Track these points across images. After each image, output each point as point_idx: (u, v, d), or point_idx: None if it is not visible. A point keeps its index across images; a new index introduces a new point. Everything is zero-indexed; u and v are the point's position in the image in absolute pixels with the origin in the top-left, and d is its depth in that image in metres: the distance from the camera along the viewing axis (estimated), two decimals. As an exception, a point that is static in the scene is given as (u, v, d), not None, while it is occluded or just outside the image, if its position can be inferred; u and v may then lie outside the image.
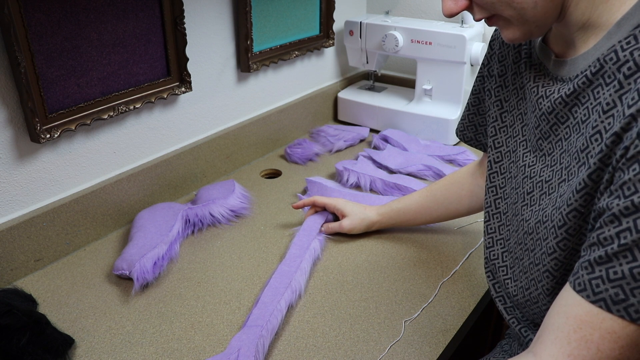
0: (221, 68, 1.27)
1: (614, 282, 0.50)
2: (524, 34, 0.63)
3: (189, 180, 1.24)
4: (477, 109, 0.85)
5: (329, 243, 1.05)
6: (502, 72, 0.76)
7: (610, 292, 0.50)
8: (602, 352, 0.51)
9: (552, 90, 0.65)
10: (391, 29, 1.43)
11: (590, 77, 0.59)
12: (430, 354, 0.79)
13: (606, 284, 0.50)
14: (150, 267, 0.92)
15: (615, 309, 0.50)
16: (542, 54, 0.69)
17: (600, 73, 0.57)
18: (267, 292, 0.87)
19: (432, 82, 1.44)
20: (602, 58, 0.57)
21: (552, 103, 0.64)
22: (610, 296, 0.50)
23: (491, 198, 0.79)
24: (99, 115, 1.01)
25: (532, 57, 0.71)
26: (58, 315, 0.87)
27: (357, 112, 1.57)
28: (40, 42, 0.90)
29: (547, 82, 0.67)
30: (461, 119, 0.90)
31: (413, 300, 0.89)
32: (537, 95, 0.68)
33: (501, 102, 0.77)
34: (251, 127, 1.36)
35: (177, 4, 1.08)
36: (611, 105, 0.55)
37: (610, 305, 0.50)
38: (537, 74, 0.69)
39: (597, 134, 0.56)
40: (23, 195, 0.96)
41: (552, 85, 0.66)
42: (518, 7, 0.59)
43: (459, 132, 0.91)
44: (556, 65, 0.66)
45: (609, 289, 0.50)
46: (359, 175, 1.25)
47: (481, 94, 0.84)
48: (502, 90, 0.77)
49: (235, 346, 0.77)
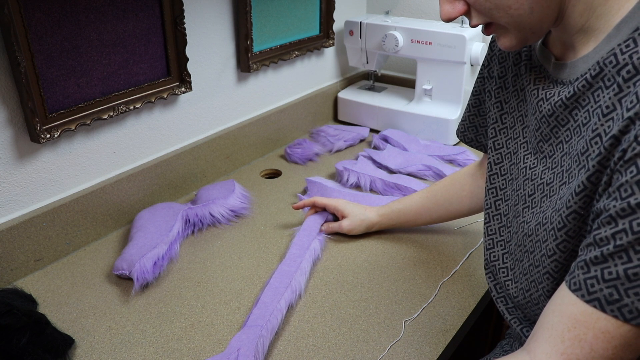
0: (221, 68, 1.27)
1: (609, 282, 0.50)
2: (520, 40, 0.63)
3: (189, 180, 1.24)
4: (478, 110, 0.85)
5: (329, 243, 1.05)
6: (502, 73, 0.76)
7: (605, 292, 0.51)
8: (596, 352, 0.51)
9: (553, 93, 0.65)
10: (391, 29, 1.43)
11: (591, 80, 0.59)
12: (430, 354, 0.79)
13: (601, 284, 0.51)
14: (150, 267, 0.92)
15: (609, 308, 0.50)
16: (542, 56, 0.69)
17: (600, 76, 0.58)
18: (267, 292, 0.87)
19: (432, 82, 1.44)
20: (601, 61, 0.57)
21: (553, 106, 0.64)
22: (605, 296, 0.51)
23: (491, 200, 0.78)
24: (99, 115, 1.01)
25: (532, 60, 0.71)
26: (58, 315, 0.87)
27: (357, 112, 1.57)
28: (40, 42, 0.90)
29: (548, 85, 0.67)
30: (462, 120, 0.89)
31: (413, 300, 0.89)
32: (538, 97, 0.68)
33: (501, 103, 0.77)
34: (251, 127, 1.36)
35: (177, 4, 1.08)
36: (611, 109, 0.55)
37: (604, 305, 0.51)
38: (537, 76, 0.69)
39: (597, 137, 0.57)
40: (23, 195, 0.96)
41: (552, 88, 0.66)
42: (515, 14, 0.59)
43: (460, 133, 0.91)
44: (556, 68, 0.66)
45: (603, 289, 0.51)
46: (359, 175, 1.25)
47: (482, 95, 0.83)
48: (502, 92, 0.77)
49: (235, 346, 0.77)
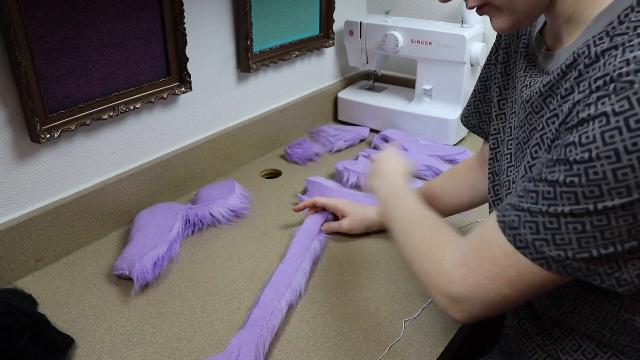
0: (221, 68, 1.27)
1: (517, 212, 0.57)
2: (512, 23, 0.64)
3: (189, 180, 1.24)
4: (483, 96, 0.86)
5: (329, 243, 1.05)
6: (504, 59, 0.78)
7: (511, 218, 0.57)
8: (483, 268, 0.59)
9: (536, 82, 0.67)
10: (391, 29, 1.43)
11: (565, 69, 0.61)
12: (430, 354, 0.79)
13: (510, 211, 0.58)
14: (150, 267, 0.92)
15: (508, 232, 0.57)
16: (537, 45, 0.71)
17: (573, 65, 0.59)
18: (267, 291, 0.87)
19: (432, 82, 1.44)
20: (576, 51, 0.59)
21: (531, 93, 0.67)
22: (509, 221, 0.57)
23: (490, 185, 0.81)
24: (99, 115, 1.01)
25: (528, 48, 0.73)
26: (58, 315, 0.87)
27: (357, 112, 1.57)
28: (40, 42, 0.90)
29: (535, 73, 0.69)
30: (466, 105, 0.91)
31: (413, 300, 0.89)
32: (522, 84, 0.70)
33: (500, 89, 0.79)
34: (251, 127, 1.36)
35: (177, 4, 1.08)
36: (568, 91, 0.59)
37: (505, 228, 0.58)
38: (528, 64, 0.71)
39: (554, 116, 0.60)
40: (23, 195, 0.96)
41: (537, 77, 0.68)
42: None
43: (463, 117, 0.92)
44: (544, 59, 0.68)
45: (511, 215, 0.57)
46: (359, 175, 1.25)
47: (488, 81, 0.85)
48: (502, 78, 0.79)
49: (235, 345, 0.77)
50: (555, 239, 0.54)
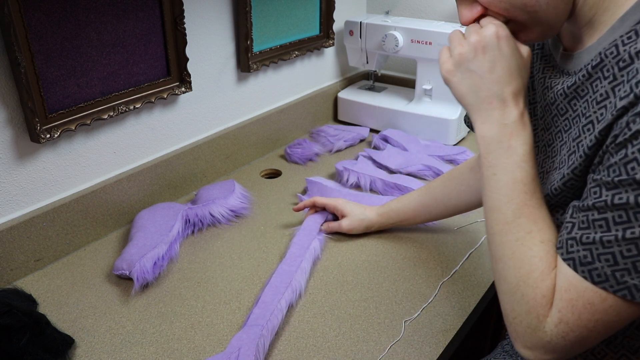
0: (221, 68, 1.27)
1: (587, 246, 0.54)
2: (538, 35, 0.64)
3: (189, 180, 1.24)
4: None
5: (329, 243, 1.05)
6: None
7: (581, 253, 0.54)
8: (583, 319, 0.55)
9: (557, 83, 0.66)
10: (391, 29, 1.43)
11: (591, 70, 0.59)
12: (430, 354, 0.79)
13: (576, 247, 0.55)
14: (150, 267, 0.92)
15: (580, 269, 0.54)
16: (553, 46, 0.70)
17: (599, 67, 0.58)
18: (267, 291, 0.87)
19: (432, 82, 1.44)
20: (603, 52, 0.58)
21: (555, 95, 0.65)
22: (579, 257, 0.54)
23: None
24: (99, 115, 1.01)
25: (544, 49, 0.72)
26: (58, 315, 0.87)
27: (357, 112, 1.57)
28: (40, 42, 0.90)
29: (555, 74, 0.68)
30: None
31: (413, 300, 0.89)
32: (544, 86, 0.69)
33: None
34: (251, 127, 1.36)
35: (177, 4, 1.08)
36: (604, 97, 0.57)
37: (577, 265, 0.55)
38: (546, 65, 0.70)
39: (590, 124, 0.58)
40: (23, 195, 0.96)
41: (558, 78, 0.67)
42: (531, 10, 0.60)
43: (467, 118, 0.91)
44: (563, 59, 0.67)
45: (580, 251, 0.54)
46: (359, 175, 1.25)
47: None
48: None
49: (235, 345, 0.77)
50: (637, 266, 0.51)
